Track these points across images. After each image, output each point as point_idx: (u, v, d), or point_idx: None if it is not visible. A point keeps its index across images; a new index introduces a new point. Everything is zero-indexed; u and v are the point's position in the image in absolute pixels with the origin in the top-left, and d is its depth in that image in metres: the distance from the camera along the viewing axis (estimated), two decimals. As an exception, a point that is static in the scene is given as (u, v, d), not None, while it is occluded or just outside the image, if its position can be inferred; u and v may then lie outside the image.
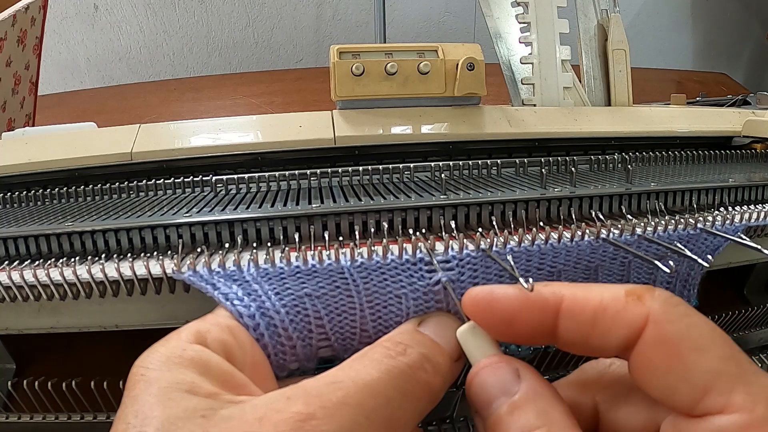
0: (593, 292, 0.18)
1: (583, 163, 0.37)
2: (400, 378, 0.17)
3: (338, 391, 0.16)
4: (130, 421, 0.15)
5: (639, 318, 0.16)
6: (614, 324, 0.17)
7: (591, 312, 0.17)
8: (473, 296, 0.19)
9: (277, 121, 0.37)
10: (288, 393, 0.16)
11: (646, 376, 0.17)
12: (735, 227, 0.27)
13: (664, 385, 0.16)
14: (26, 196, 0.33)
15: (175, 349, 0.17)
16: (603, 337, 0.17)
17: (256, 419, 0.15)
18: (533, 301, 0.18)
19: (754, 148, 0.43)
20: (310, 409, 0.15)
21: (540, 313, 0.18)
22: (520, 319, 0.18)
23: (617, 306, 0.17)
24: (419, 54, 0.38)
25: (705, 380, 0.15)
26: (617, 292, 0.17)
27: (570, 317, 0.17)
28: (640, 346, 0.16)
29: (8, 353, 0.33)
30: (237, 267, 0.21)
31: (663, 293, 0.17)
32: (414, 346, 0.19)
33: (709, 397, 0.15)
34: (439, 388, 0.19)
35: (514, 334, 0.19)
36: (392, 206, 0.28)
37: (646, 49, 1.39)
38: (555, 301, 0.18)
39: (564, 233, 0.24)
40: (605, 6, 0.47)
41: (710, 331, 0.16)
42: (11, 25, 0.55)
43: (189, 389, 0.16)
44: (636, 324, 0.16)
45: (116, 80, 1.26)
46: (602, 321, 0.17)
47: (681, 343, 0.16)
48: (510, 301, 0.18)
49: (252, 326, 0.20)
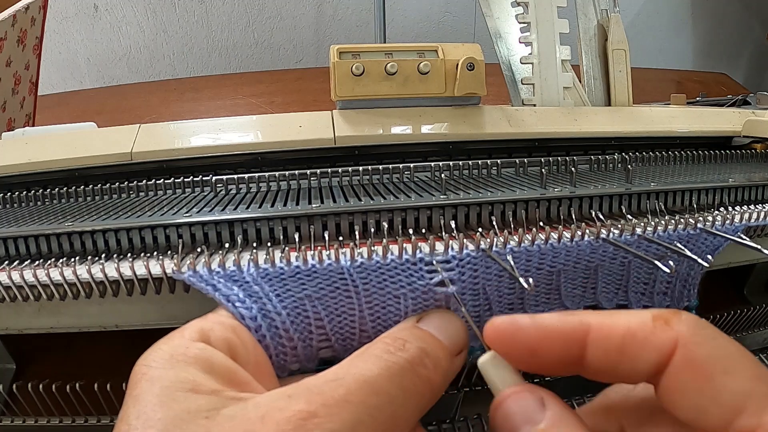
0: (620, 319, 0.17)
1: (583, 163, 0.37)
2: (401, 374, 0.17)
3: (340, 388, 0.16)
4: (132, 422, 0.15)
5: (668, 342, 0.16)
6: (643, 349, 0.17)
7: (619, 339, 0.17)
8: (496, 326, 0.18)
9: (277, 121, 0.37)
10: (290, 391, 0.16)
11: (676, 399, 0.16)
12: (735, 227, 0.27)
13: (695, 407, 0.16)
14: (26, 196, 0.33)
15: (179, 347, 0.17)
16: (632, 363, 0.17)
17: (259, 418, 0.15)
18: (559, 331, 0.18)
19: (754, 148, 0.43)
20: (311, 407, 0.15)
21: (566, 342, 0.18)
22: (545, 349, 0.18)
23: (645, 331, 0.17)
24: (419, 54, 0.38)
25: (736, 401, 0.15)
26: (644, 317, 0.17)
27: (598, 345, 0.17)
28: (670, 369, 0.16)
29: (8, 353, 0.33)
30: (237, 267, 0.21)
31: (690, 316, 0.17)
32: (413, 342, 0.19)
33: (741, 418, 0.15)
34: (439, 383, 0.19)
35: (539, 365, 0.18)
36: (392, 206, 0.28)
37: (646, 49, 1.39)
38: (581, 331, 0.17)
39: (564, 233, 0.24)
40: (605, 6, 0.47)
41: (738, 352, 0.16)
42: (11, 25, 0.55)
43: (192, 388, 0.16)
44: (665, 348, 0.16)
45: (116, 80, 1.26)
46: (631, 347, 0.17)
47: (711, 365, 0.16)
48: (535, 331, 0.18)
49: (254, 328, 0.20)
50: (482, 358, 0.19)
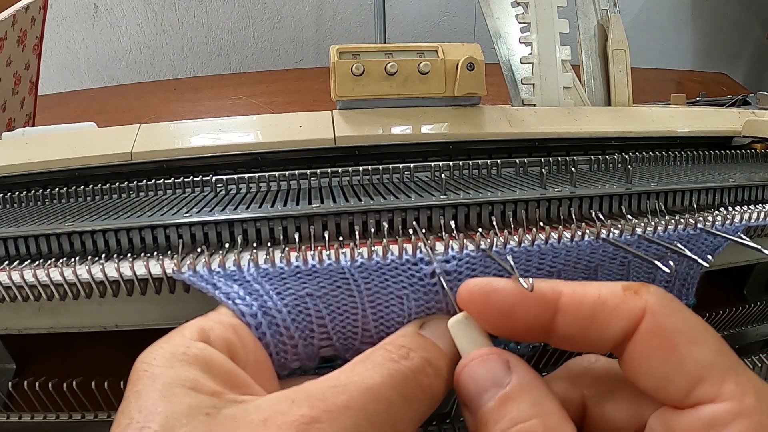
0: (591, 288, 0.18)
1: (583, 163, 0.37)
2: (403, 382, 0.17)
3: (342, 394, 0.16)
4: (134, 416, 0.15)
5: (637, 310, 0.17)
6: (613, 317, 0.17)
7: (590, 306, 0.18)
8: (470, 287, 0.19)
9: (277, 121, 0.37)
10: (292, 396, 0.16)
11: (640, 367, 0.17)
12: (735, 227, 0.27)
13: (659, 375, 0.17)
14: (26, 196, 0.33)
15: (179, 346, 0.17)
16: (601, 330, 0.17)
17: (261, 421, 0.15)
18: (532, 295, 0.18)
19: (754, 148, 0.43)
20: (314, 413, 0.15)
21: (538, 307, 0.18)
22: (518, 313, 0.18)
23: (616, 300, 0.17)
24: (419, 54, 0.38)
25: (699, 371, 0.16)
26: (614, 287, 0.18)
27: (569, 311, 0.18)
28: (637, 337, 0.17)
29: (8, 353, 0.33)
30: (237, 267, 0.21)
31: (658, 289, 0.18)
32: (417, 350, 0.19)
33: (701, 387, 0.16)
34: (440, 391, 0.19)
35: (510, 328, 0.19)
36: (392, 206, 0.28)
37: (646, 49, 1.39)
38: (554, 296, 0.18)
39: (564, 233, 0.24)
40: (605, 6, 0.47)
41: (702, 325, 0.17)
42: (11, 25, 0.55)
43: (192, 386, 0.16)
44: (634, 316, 0.17)
45: (116, 80, 1.26)
46: (601, 314, 0.17)
47: (677, 335, 0.17)
48: (509, 294, 0.18)
49: (254, 325, 0.20)
50: (453, 319, 0.19)
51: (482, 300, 0.19)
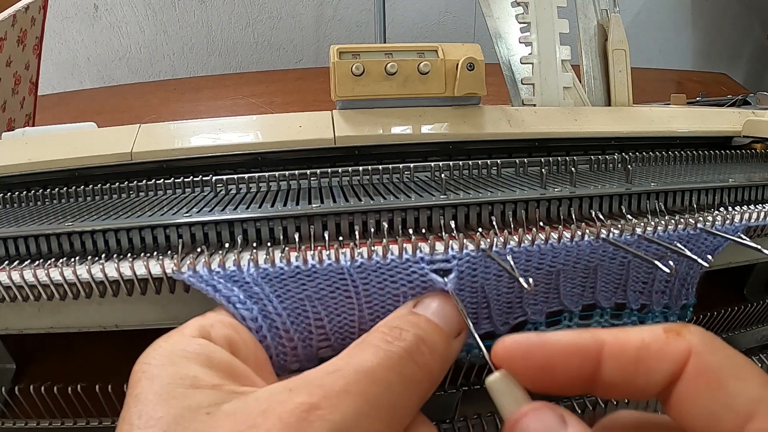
0: (633, 334, 0.18)
1: (583, 163, 0.37)
2: (399, 363, 0.17)
3: (340, 379, 0.16)
4: (134, 422, 0.15)
5: (681, 352, 0.17)
6: (658, 360, 0.17)
7: (634, 351, 0.17)
8: (507, 344, 0.18)
9: (277, 121, 0.37)
10: (290, 384, 0.16)
11: (688, 409, 0.17)
12: (735, 227, 0.27)
13: (708, 414, 0.16)
14: (26, 196, 0.33)
15: (178, 344, 0.17)
16: (648, 375, 0.17)
17: (260, 412, 0.15)
18: (574, 347, 0.18)
19: (754, 148, 0.43)
20: (313, 399, 0.15)
21: (582, 358, 0.18)
22: (560, 367, 0.18)
23: (659, 342, 0.17)
24: (419, 54, 0.38)
25: (749, 406, 0.16)
26: (656, 330, 0.18)
27: (613, 359, 0.17)
28: (684, 378, 0.17)
29: (8, 353, 0.33)
30: (237, 267, 0.21)
31: (698, 328, 0.18)
32: (409, 329, 0.19)
33: (753, 423, 0.16)
34: (438, 369, 0.19)
35: (551, 383, 0.18)
36: (392, 206, 0.28)
37: (646, 49, 1.40)
38: (597, 346, 0.18)
39: (564, 233, 0.24)
40: (605, 6, 0.47)
41: (746, 361, 0.17)
42: (11, 25, 0.55)
43: (192, 384, 0.16)
44: (679, 358, 0.17)
45: (116, 80, 1.26)
46: (646, 360, 0.17)
47: (724, 372, 0.16)
48: (549, 349, 0.18)
49: (255, 329, 0.20)
50: (492, 378, 0.18)
51: (521, 356, 0.18)
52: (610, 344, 0.18)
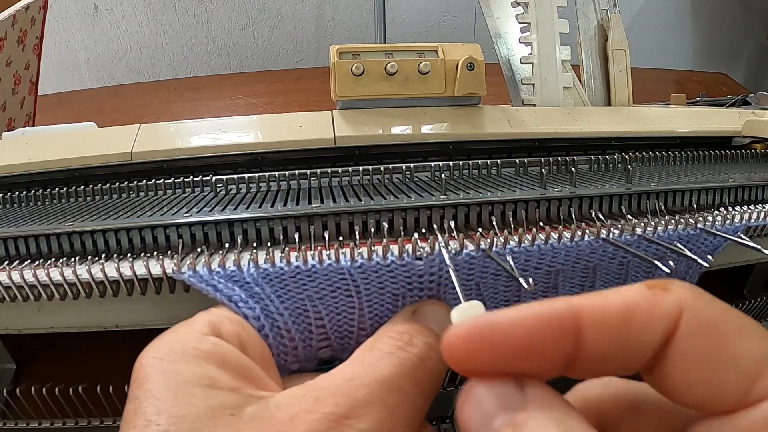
0: (611, 295, 0.15)
1: (583, 163, 0.37)
2: (413, 370, 0.17)
3: (361, 388, 0.16)
4: (152, 419, 0.14)
5: (672, 308, 0.14)
6: (649, 320, 0.14)
7: (618, 315, 0.14)
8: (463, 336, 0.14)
9: (277, 121, 0.37)
10: (314, 393, 0.16)
11: (684, 376, 0.14)
12: (735, 227, 0.27)
13: (707, 379, 0.14)
14: (26, 196, 0.33)
15: (190, 341, 0.17)
16: (639, 339, 0.14)
17: (288, 419, 0.15)
18: (550, 321, 0.14)
19: (754, 148, 0.43)
20: (341, 410, 0.15)
21: (558, 331, 0.14)
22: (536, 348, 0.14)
23: (646, 301, 0.14)
24: (419, 54, 0.38)
25: (756, 364, 0.14)
26: (638, 288, 0.15)
27: (595, 327, 0.14)
28: (677, 340, 0.14)
29: (8, 353, 0.33)
30: (237, 267, 0.21)
31: (684, 282, 0.15)
32: (418, 337, 0.18)
33: (762, 381, 0.13)
34: (442, 376, 0.19)
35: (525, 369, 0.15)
36: (392, 206, 0.28)
37: (646, 49, 1.39)
38: (572, 314, 0.14)
39: (564, 233, 0.24)
40: (605, 6, 0.47)
41: (742, 314, 0.15)
42: (11, 25, 0.55)
43: (210, 384, 0.15)
44: (673, 314, 0.14)
45: (116, 80, 1.26)
46: (634, 321, 0.14)
47: (723, 329, 0.14)
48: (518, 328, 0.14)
49: (257, 328, 0.20)
50: None
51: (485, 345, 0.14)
52: (588, 310, 0.14)
